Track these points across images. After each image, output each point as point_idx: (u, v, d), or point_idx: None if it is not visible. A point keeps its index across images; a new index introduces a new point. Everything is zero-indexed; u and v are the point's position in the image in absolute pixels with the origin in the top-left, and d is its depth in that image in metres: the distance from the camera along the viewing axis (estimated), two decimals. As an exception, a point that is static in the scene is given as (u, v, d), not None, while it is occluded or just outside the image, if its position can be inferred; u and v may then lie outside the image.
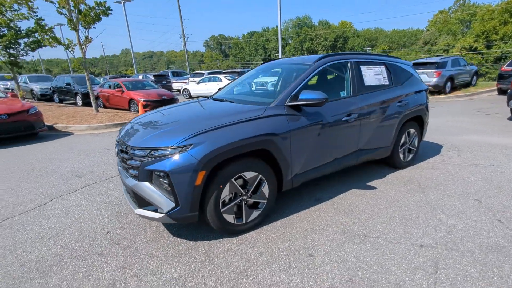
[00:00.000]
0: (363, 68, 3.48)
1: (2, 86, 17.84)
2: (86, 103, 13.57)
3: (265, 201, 2.67)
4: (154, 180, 2.30)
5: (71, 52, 9.77)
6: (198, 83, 15.91)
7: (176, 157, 2.19)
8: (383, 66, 3.74)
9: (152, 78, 18.76)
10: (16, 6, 10.99)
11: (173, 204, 2.24)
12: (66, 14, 8.83)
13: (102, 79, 20.72)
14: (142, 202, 2.37)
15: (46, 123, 7.73)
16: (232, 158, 2.39)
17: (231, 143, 2.31)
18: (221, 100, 3.31)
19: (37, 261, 2.31)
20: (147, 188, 2.31)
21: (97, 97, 12.90)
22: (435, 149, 4.96)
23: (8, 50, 12.07)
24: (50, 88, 16.34)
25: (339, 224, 2.71)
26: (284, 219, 2.84)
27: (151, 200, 2.30)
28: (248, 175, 2.49)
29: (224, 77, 15.04)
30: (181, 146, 2.21)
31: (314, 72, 3.04)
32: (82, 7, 9.01)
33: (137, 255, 2.35)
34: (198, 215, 2.35)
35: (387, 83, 3.71)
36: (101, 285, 2.03)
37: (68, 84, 14.68)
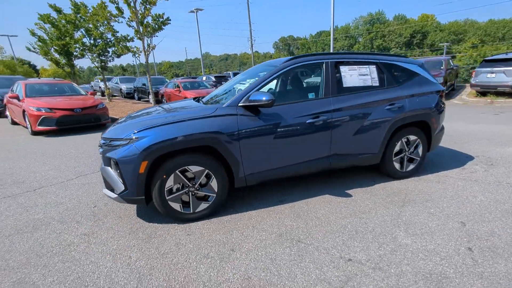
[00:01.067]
0: (344, 68, 3.24)
1: (89, 86, 21.93)
2: (157, 101, 15.59)
3: (214, 195, 2.81)
4: (112, 166, 2.70)
5: (137, 58, 11.42)
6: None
7: (125, 147, 2.54)
8: (373, 66, 3.39)
9: (213, 79, 20.22)
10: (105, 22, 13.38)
11: (123, 188, 2.60)
12: (134, 26, 10.37)
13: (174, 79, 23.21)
14: (106, 183, 2.81)
15: (115, 117, 9.30)
16: (177, 151, 2.62)
17: (172, 138, 2.54)
18: (198, 101, 3.56)
19: (36, 220, 2.98)
20: (108, 172, 2.73)
21: (162, 96, 14.67)
22: (461, 160, 4.20)
23: (100, 57, 14.77)
24: (133, 88, 19.29)
25: (282, 226, 2.65)
26: (235, 214, 2.93)
27: (110, 182, 2.72)
28: (194, 169, 2.68)
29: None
30: (130, 139, 2.55)
31: (276, 74, 3.01)
32: (148, 19, 10.45)
33: (100, 226, 2.80)
34: (146, 200, 2.66)
35: (376, 84, 3.35)
36: (62, 244, 2.52)
37: (144, 84, 17.06)
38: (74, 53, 14.76)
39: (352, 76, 3.27)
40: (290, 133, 2.93)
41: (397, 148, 3.51)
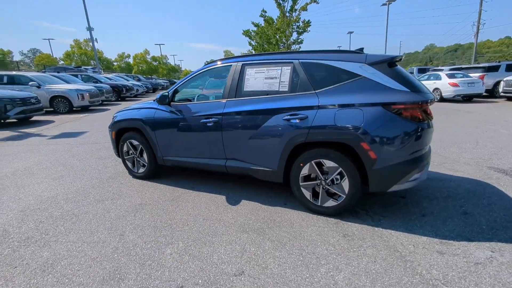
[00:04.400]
0: (250, 71, 3.01)
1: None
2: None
3: (146, 164, 3.89)
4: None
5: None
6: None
7: (111, 122, 4.22)
8: (288, 68, 2.81)
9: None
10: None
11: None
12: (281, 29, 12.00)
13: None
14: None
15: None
16: (125, 129, 3.95)
17: (120, 120, 3.90)
18: None
19: (65, 164, 5.41)
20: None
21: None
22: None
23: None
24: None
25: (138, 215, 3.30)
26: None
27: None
28: (134, 142, 3.90)
29: (449, 74, 11.46)
30: (113, 117, 4.19)
31: (191, 75, 3.43)
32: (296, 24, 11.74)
33: (110, 192, 4.72)
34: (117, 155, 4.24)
35: (284, 89, 2.79)
36: (68, 196, 4.66)
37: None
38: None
39: (256, 79, 2.97)
40: (190, 129, 3.34)
41: (305, 171, 2.74)
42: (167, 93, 3.44)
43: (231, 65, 3.18)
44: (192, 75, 3.50)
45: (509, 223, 2.50)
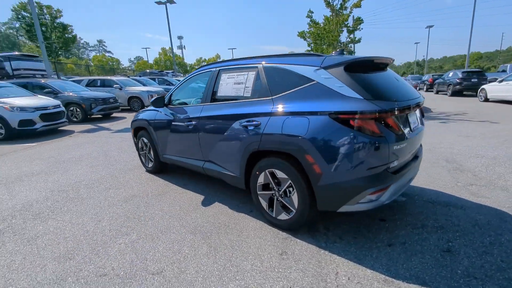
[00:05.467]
0: (224, 76, 3.00)
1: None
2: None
3: (153, 160, 4.30)
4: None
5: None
6: (500, 81, 10.57)
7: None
8: (253, 73, 2.69)
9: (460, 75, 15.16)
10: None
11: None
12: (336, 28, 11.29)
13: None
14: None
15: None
16: (139, 128, 4.42)
17: (136, 119, 4.39)
18: None
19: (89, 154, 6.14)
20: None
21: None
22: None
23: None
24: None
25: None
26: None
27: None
28: (145, 140, 4.32)
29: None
30: (135, 116, 4.74)
31: (183, 80, 3.62)
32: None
33: (119, 183, 5.34)
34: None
35: (247, 94, 2.69)
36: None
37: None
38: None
39: (228, 84, 2.93)
40: (177, 130, 3.56)
41: (261, 180, 2.60)
42: (162, 97, 3.74)
43: (211, 70, 3.25)
44: (185, 80, 3.70)
45: (497, 273, 1.87)
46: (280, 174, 2.43)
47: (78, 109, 10.21)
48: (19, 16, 24.30)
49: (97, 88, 13.33)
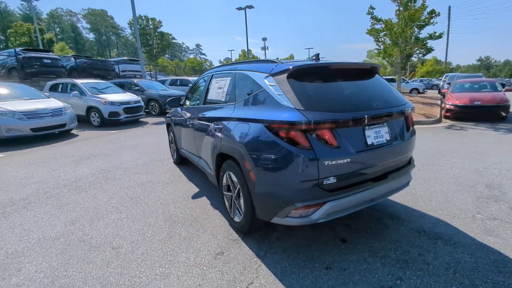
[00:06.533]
0: (213, 81, 3.15)
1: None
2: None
3: (175, 153, 4.83)
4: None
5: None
6: None
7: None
8: (229, 78, 2.74)
9: None
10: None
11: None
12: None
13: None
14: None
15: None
16: (168, 123, 5.00)
17: (167, 117, 4.99)
18: None
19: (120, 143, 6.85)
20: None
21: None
22: None
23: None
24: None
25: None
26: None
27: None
28: (171, 134, 4.90)
29: None
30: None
31: (194, 82, 3.91)
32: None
33: (146, 170, 6.01)
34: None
35: (223, 99, 2.78)
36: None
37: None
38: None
39: (214, 89, 3.06)
40: (185, 127, 3.91)
41: (224, 181, 2.65)
42: (177, 97, 4.17)
43: (207, 75, 3.46)
44: (195, 82, 4.02)
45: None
46: (233, 177, 2.47)
47: (156, 105, 11.99)
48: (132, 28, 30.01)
49: (177, 87, 15.29)
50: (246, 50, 26.47)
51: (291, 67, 2.07)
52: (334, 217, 1.99)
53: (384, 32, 9.88)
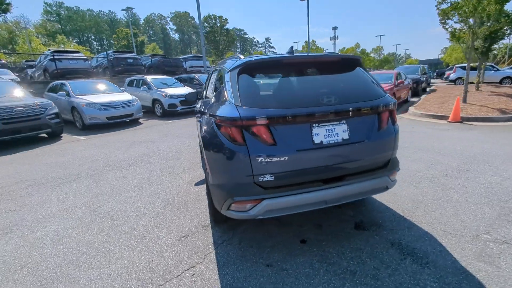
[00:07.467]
0: (213, 76, 3.27)
1: None
2: None
3: (200, 143, 5.20)
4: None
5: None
6: None
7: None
8: (217, 74, 2.83)
9: None
10: None
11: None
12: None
13: None
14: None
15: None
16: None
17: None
18: None
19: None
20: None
21: None
22: None
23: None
24: None
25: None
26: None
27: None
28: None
29: None
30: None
31: (207, 78, 4.11)
32: None
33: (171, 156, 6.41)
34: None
35: (211, 94, 2.88)
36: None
37: None
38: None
39: (211, 84, 3.18)
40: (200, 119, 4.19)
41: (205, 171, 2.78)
42: (194, 92, 4.44)
43: (212, 70, 3.60)
44: (207, 78, 4.21)
45: None
46: (206, 168, 2.59)
47: (211, 97, 12.85)
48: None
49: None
50: (308, 41, 25.51)
51: (243, 62, 2.03)
52: (275, 215, 1.92)
53: (453, 12, 8.08)
